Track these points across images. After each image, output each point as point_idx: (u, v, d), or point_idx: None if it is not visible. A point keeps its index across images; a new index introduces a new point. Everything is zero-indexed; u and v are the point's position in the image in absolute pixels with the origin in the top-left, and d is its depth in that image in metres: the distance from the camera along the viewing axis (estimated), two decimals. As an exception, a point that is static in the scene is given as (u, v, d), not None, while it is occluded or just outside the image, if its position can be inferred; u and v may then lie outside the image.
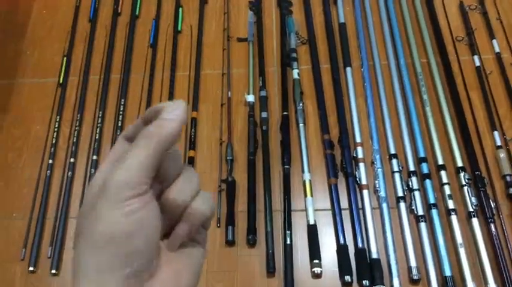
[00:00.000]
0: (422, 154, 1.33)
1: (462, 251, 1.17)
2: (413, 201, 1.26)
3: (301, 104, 1.43)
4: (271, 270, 1.20)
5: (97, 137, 1.44)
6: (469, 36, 1.54)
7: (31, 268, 1.24)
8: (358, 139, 1.37)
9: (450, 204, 1.24)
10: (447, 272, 1.16)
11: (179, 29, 1.65)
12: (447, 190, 1.26)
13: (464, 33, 1.56)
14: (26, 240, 1.29)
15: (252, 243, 1.24)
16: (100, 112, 1.48)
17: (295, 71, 1.50)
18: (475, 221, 1.21)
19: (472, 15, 1.59)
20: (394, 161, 1.32)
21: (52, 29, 1.70)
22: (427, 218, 1.24)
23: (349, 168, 1.32)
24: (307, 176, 1.32)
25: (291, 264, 1.20)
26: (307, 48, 1.58)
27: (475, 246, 1.19)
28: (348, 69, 1.51)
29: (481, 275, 1.16)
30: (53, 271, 1.24)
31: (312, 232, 1.25)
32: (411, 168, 1.31)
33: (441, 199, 1.26)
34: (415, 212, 1.24)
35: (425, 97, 1.42)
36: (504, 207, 1.25)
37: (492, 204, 1.22)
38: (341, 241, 1.23)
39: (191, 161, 1.37)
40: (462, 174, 1.28)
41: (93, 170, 1.38)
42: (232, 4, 1.70)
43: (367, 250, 1.21)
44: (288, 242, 1.22)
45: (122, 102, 1.50)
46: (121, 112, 1.48)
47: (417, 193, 1.26)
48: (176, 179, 0.35)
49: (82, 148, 1.44)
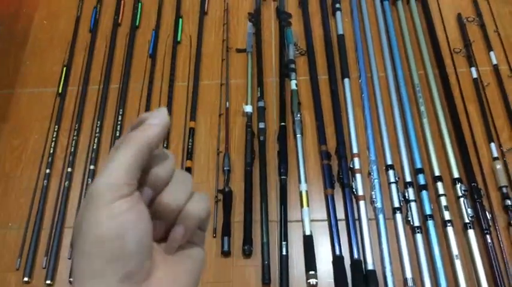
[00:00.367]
0: (419, 165, 1.33)
1: (458, 262, 1.17)
2: (409, 212, 1.25)
3: (298, 115, 1.43)
4: (266, 281, 1.20)
5: (95, 147, 1.44)
6: (467, 48, 1.54)
7: (26, 278, 1.24)
8: (355, 150, 1.37)
9: (446, 215, 1.23)
10: (443, 284, 1.15)
11: (179, 40, 1.66)
12: (443, 201, 1.26)
13: (462, 45, 1.56)
14: (22, 250, 1.29)
15: (248, 254, 1.24)
16: (98, 122, 1.49)
17: (293, 82, 1.51)
18: (471, 232, 1.20)
19: (470, 27, 1.60)
20: (391, 172, 1.32)
21: (53, 39, 1.71)
22: (423, 229, 1.23)
23: (345, 179, 1.32)
24: (303, 186, 1.32)
25: (287, 275, 1.20)
26: (305, 59, 1.58)
27: (471, 258, 1.18)
28: (346, 80, 1.51)
29: (477, 287, 1.16)
30: (48, 282, 1.24)
31: (308, 243, 1.24)
32: (408, 179, 1.31)
33: (437, 210, 1.26)
34: (411, 223, 1.24)
35: (422, 109, 1.42)
36: (500, 219, 1.24)
37: (488, 216, 1.22)
38: (337, 252, 1.23)
39: (188, 171, 1.37)
40: (458, 185, 1.27)
41: (90, 180, 1.38)
42: (231, 15, 1.71)
43: (363, 261, 1.21)
44: (284, 252, 1.22)
45: (120, 112, 1.50)
46: (119, 122, 1.48)
47: (413, 204, 1.26)
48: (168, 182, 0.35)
49: (79, 158, 1.44)
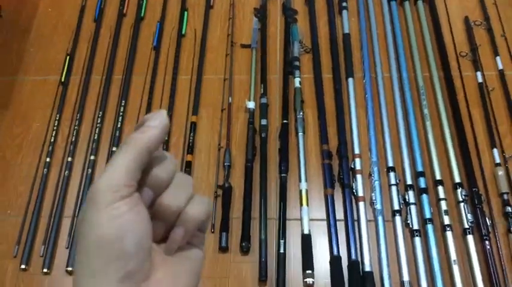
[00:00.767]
0: (420, 168, 1.32)
1: (456, 267, 1.17)
2: (409, 215, 1.25)
3: (301, 113, 1.43)
4: (263, 278, 1.20)
5: (96, 137, 1.44)
6: (473, 52, 1.54)
7: (23, 266, 1.24)
8: (356, 151, 1.37)
9: (446, 220, 1.23)
10: (440, 288, 1.15)
11: (183, 33, 1.65)
12: (443, 206, 1.25)
13: (468, 48, 1.55)
14: (20, 238, 1.29)
15: (246, 250, 1.24)
16: (100, 112, 1.48)
17: (297, 80, 1.50)
18: (470, 238, 1.20)
19: (477, 31, 1.59)
20: (392, 174, 1.32)
21: (57, 28, 1.70)
22: (422, 232, 1.23)
23: (346, 179, 1.32)
24: (303, 185, 1.32)
25: (284, 273, 1.20)
26: (310, 57, 1.57)
27: (469, 263, 1.18)
28: (350, 80, 1.50)
29: (474, 292, 1.15)
30: (45, 270, 1.24)
31: (306, 242, 1.24)
32: (408, 182, 1.31)
33: (437, 214, 1.26)
34: (410, 226, 1.24)
35: (426, 111, 1.41)
36: (500, 225, 1.24)
37: (488, 221, 1.22)
38: (334, 252, 1.22)
39: (188, 165, 1.37)
40: (459, 190, 1.27)
41: (90, 170, 1.38)
42: (237, 10, 1.70)
43: (360, 263, 1.21)
44: (282, 250, 1.22)
45: (123, 103, 1.49)
46: (121, 113, 1.47)
47: (413, 207, 1.26)
48: (169, 184, 0.36)
49: (80, 148, 1.44)
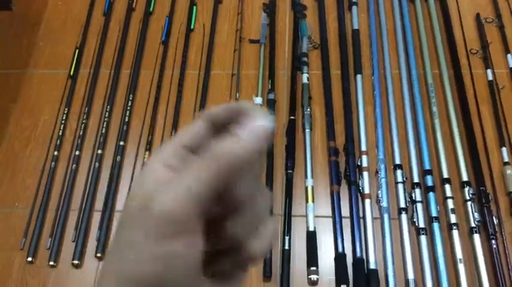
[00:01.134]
0: (427, 166, 1.31)
1: (461, 267, 1.16)
2: (415, 213, 1.24)
3: (308, 109, 1.42)
4: (267, 274, 1.20)
5: (103, 131, 1.44)
6: (484, 49, 1.52)
7: (29, 259, 1.25)
8: (363, 148, 1.36)
9: (452, 218, 1.22)
10: (445, 287, 1.14)
11: (192, 28, 1.65)
12: (450, 204, 1.24)
13: (479, 46, 1.54)
14: (27, 230, 1.30)
15: (250, 246, 1.24)
16: (108, 106, 1.49)
17: (305, 76, 1.49)
18: (477, 237, 1.19)
19: (488, 28, 1.57)
20: (399, 171, 1.31)
21: (66, 21, 1.71)
22: (428, 231, 1.22)
23: (352, 176, 1.31)
24: (309, 181, 1.31)
25: (288, 269, 1.19)
26: (318, 53, 1.57)
27: (475, 262, 1.17)
28: (359, 76, 1.49)
29: (480, 292, 1.15)
30: (51, 263, 1.25)
31: (311, 239, 1.24)
32: (415, 180, 1.30)
33: (444, 213, 1.25)
34: (417, 224, 1.23)
35: (434, 109, 1.40)
36: (507, 224, 1.23)
37: (495, 221, 1.20)
38: (339, 249, 1.22)
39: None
40: (467, 189, 1.26)
41: (97, 164, 1.38)
42: (246, 5, 1.70)
43: (365, 260, 1.20)
44: (287, 247, 1.22)
45: (131, 97, 1.50)
46: (129, 107, 1.48)
47: (420, 205, 1.25)
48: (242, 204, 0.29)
49: (88, 141, 1.44)
